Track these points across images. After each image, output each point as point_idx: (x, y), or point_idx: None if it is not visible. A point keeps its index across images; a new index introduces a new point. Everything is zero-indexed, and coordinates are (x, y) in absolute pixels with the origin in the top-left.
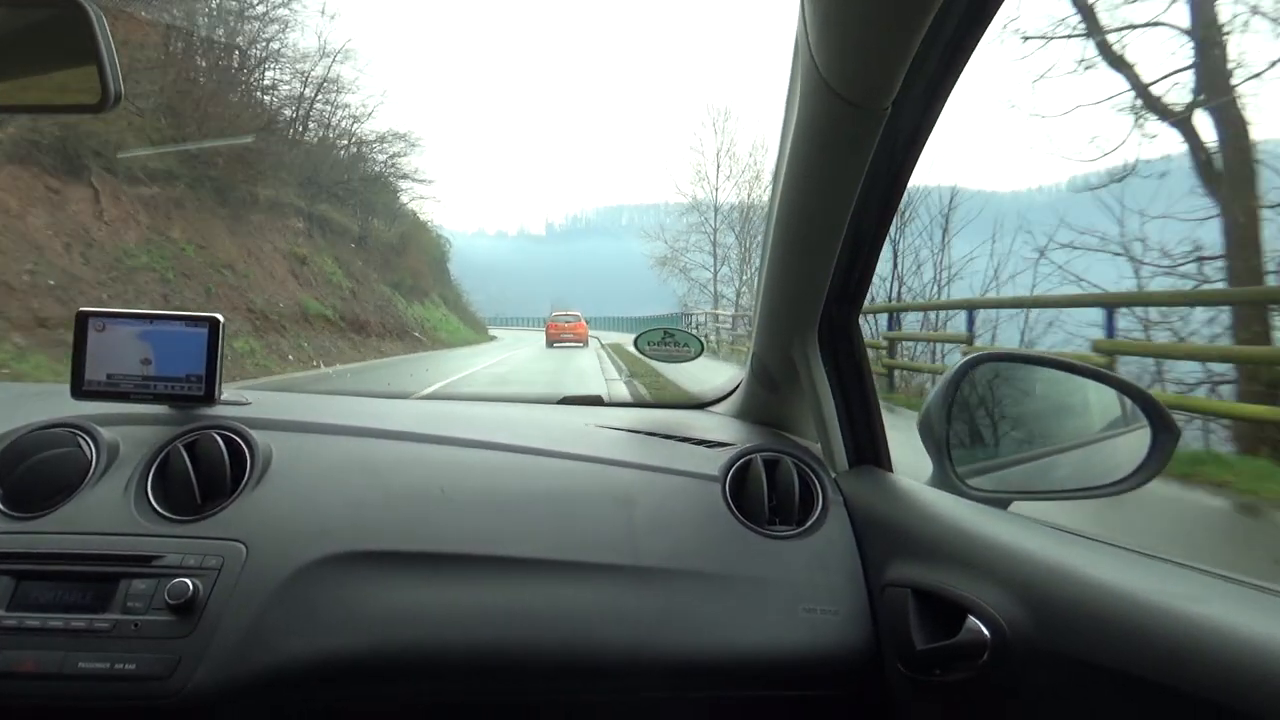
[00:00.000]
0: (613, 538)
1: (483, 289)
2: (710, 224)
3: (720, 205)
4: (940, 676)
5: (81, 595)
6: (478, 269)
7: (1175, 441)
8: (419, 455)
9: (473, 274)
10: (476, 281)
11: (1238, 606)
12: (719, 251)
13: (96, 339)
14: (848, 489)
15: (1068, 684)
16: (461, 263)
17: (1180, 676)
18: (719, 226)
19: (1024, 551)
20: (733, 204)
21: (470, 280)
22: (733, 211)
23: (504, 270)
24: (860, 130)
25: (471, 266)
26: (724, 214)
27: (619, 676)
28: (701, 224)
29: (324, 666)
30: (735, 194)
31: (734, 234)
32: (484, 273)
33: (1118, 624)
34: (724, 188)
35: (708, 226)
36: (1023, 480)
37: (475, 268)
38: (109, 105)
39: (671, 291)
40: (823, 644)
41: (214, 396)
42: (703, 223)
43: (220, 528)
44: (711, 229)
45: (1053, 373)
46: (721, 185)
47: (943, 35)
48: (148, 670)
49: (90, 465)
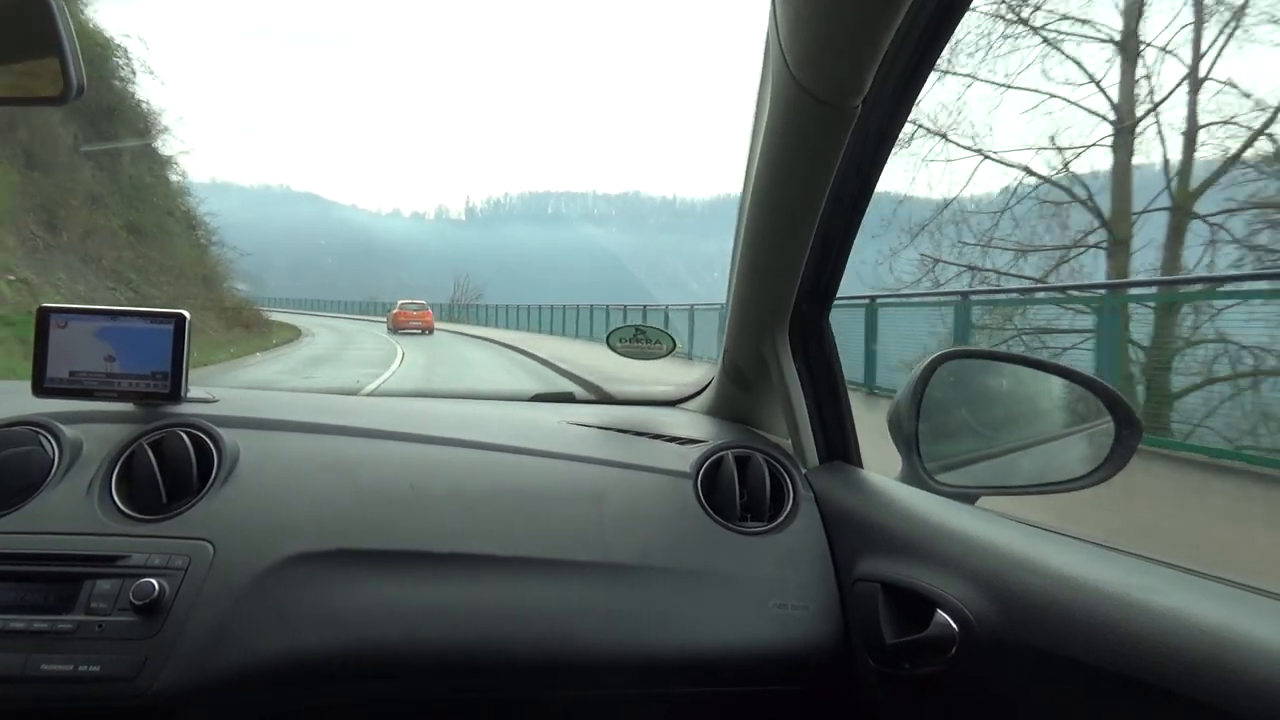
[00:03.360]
0: (584, 535)
1: (393, 274)
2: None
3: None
4: (910, 670)
5: (44, 596)
6: (390, 252)
7: (1139, 436)
8: (388, 453)
9: (386, 257)
10: (388, 265)
11: (1197, 598)
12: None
13: (58, 335)
14: (818, 485)
15: (1034, 676)
16: (372, 244)
17: (1142, 667)
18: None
19: (991, 546)
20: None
21: (384, 264)
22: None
23: (418, 254)
24: (831, 128)
25: (384, 249)
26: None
27: (590, 674)
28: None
29: (292, 666)
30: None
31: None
32: (396, 256)
33: (1082, 616)
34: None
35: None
36: (990, 475)
37: (388, 250)
38: (71, 97)
39: (603, 282)
40: (793, 639)
41: (180, 394)
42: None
43: (186, 527)
44: None
45: (1020, 369)
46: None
47: (912, 35)
48: (112, 671)
49: (52, 464)
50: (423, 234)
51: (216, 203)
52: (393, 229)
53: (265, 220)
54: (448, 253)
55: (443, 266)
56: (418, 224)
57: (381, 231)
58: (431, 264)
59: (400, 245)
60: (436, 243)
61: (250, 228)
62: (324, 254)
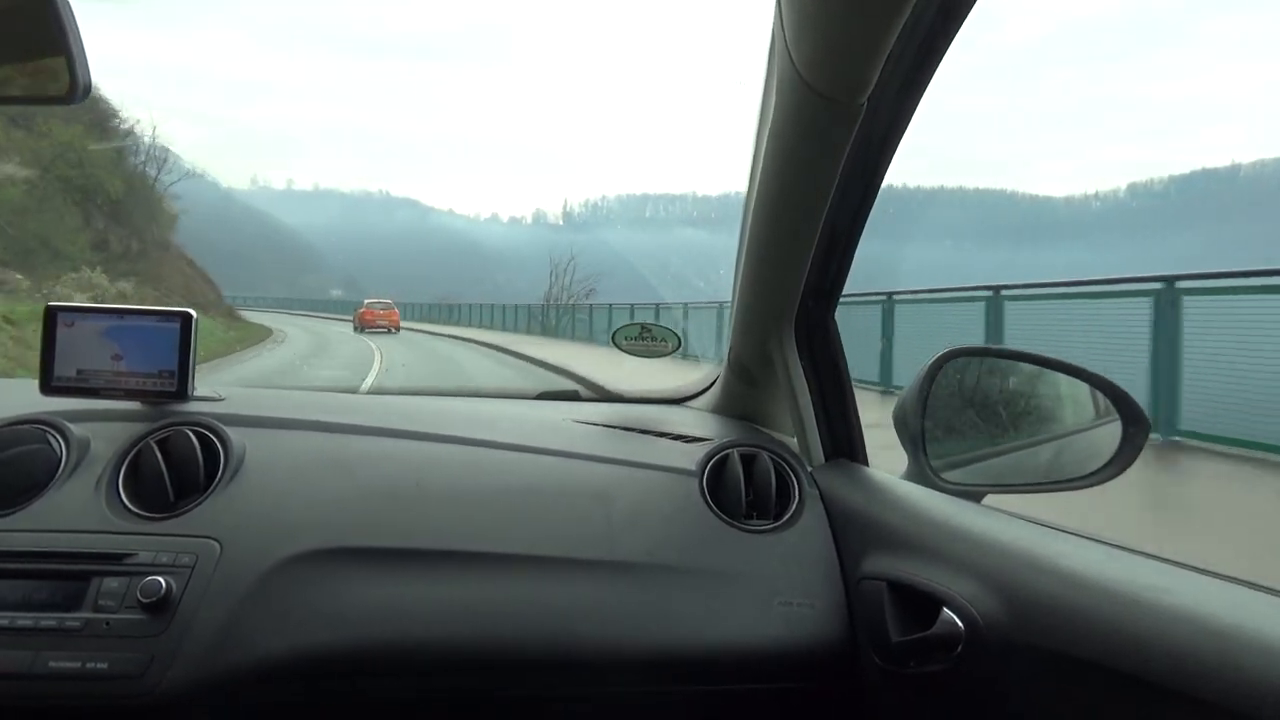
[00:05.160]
0: (590, 533)
1: (490, 277)
2: None
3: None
4: (915, 668)
5: (52, 594)
6: (487, 256)
7: (1146, 434)
8: (394, 451)
9: (483, 261)
10: (485, 269)
11: (1206, 597)
12: None
13: (66, 334)
14: (824, 483)
15: (1041, 675)
16: (470, 248)
17: (1151, 668)
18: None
19: (998, 544)
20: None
21: (480, 268)
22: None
23: (514, 258)
24: (836, 125)
25: (482, 253)
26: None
27: (596, 671)
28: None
29: (299, 663)
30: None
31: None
32: (493, 260)
33: (1090, 615)
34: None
35: None
36: (997, 473)
37: (485, 254)
38: (78, 97)
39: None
40: (799, 637)
41: (187, 393)
42: None
43: (193, 525)
44: None
45: (1026, 367)
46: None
47: (918, 32)
48: (120, 669)
49: (60, 462)
50: (519, 238)
51: (318, 208)
52: (490, 234)
53: (363, 225)
54: (543, 256)
55: (539, 269)
56: (514, 229)
57: (479, 236)
58: (528, 267)
59: (498, 249)
60: (531, 247)
61: (349, 232)
62: (421, 258)
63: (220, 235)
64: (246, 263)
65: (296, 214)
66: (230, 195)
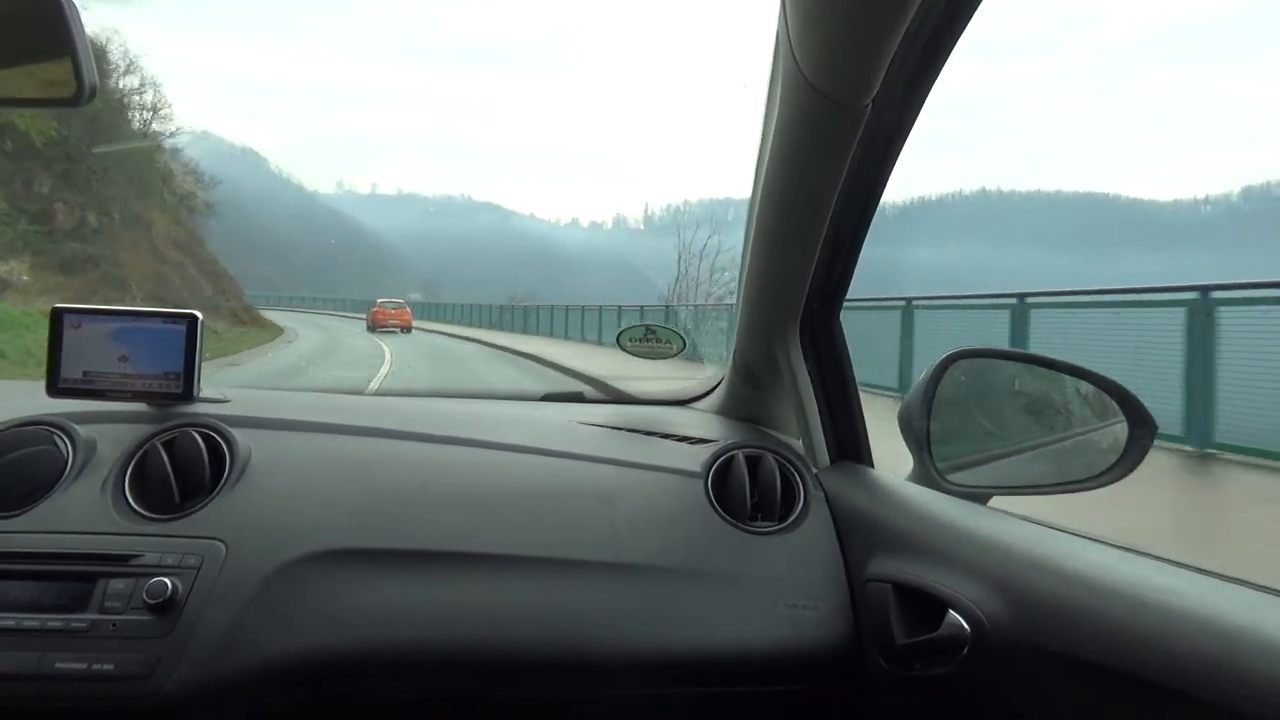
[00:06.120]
0: (595, 534)
1: (569, 281)
2: None
3: None
4: (921, 671)
5: (58, 595)
6: (566, 261)
7: (1152, 435)
8: (400, 452)
9: (561, 265)
10: (566, 273)
11: (1213, 599)
12: None
13: (72, 336)
14: (829, 485)
15: (1047, 678)
16: (550, 252)
17: (1157, 670)
18: None
19: (1004, 546)
20: None
21: (561, 271)
22: None
23: (594, 261)
24: (841, 127)
25: (562, 257)
26: None
27: (601, 673)
28: None
29: (305, 665)
30: None
31: None
32: (574, 264)
33: (1096, 618)
34: None
35: None
36: (1002, 475)
37: (565, 259)
38: (84, 99)
39: None
40: (804, 639)
41: (192, 394)
42: None
43: (199, 526)
44: None
45: (1032, 368)
46: None
47: (922, 34)
48: (126, 670)
49: (66, 463)
50: (600, 242)
51: (401, 212)
52: (571, 238)
53: (446, 229)
54: (624, 260)
55: (619, 273)
56: (595, 233)
57: (560, 240)
58: (607, 271)
59: (579, 253)
60: (610, 251)
61: (431, 235)
62: (503, 262)
63: (304, 237)
64: (328, 264)
65: (380, 217)
66: (315, 198)
